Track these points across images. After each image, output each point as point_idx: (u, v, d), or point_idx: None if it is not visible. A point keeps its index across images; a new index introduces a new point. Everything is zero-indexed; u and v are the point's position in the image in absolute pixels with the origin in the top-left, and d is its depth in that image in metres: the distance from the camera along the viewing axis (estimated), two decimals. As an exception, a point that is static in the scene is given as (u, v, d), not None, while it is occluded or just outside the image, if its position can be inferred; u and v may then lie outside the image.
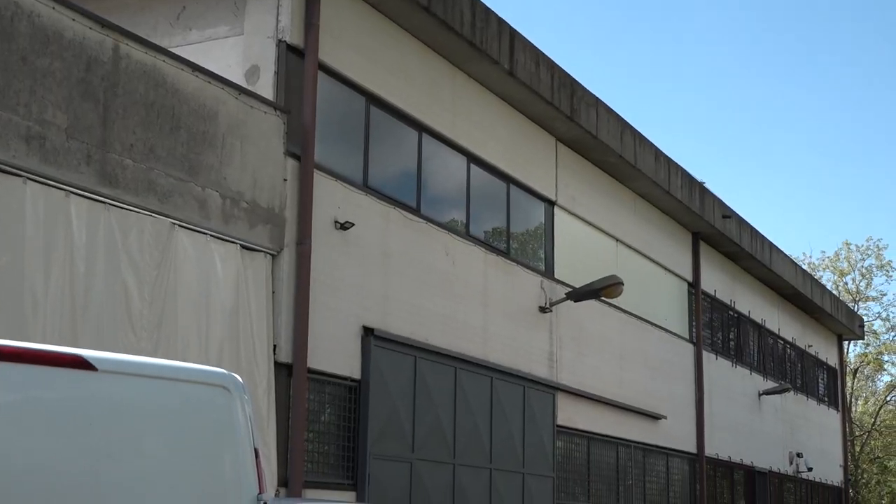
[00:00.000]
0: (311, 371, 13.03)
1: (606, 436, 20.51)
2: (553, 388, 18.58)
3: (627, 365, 21.55)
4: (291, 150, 12.98)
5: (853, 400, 57.96)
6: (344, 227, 13.76)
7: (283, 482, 12.37)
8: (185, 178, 11.46)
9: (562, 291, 18.97)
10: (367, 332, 14.06)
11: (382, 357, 14.30)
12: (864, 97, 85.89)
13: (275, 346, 12.47)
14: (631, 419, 21.41)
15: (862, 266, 56.91)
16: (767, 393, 29.19)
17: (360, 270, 14.12)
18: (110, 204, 10.57)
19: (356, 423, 13.87)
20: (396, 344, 14.61)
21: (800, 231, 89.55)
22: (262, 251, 12.43)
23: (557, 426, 18.71)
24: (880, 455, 58.91)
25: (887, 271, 56.87)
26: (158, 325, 10.89)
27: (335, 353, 13.54)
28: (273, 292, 12.58)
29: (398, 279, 14.87)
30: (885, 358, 57.70)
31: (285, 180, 12.85)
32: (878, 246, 57.05)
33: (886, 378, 60.22)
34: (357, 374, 13.90)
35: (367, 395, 13.93)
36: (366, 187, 14.50)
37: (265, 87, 12.90)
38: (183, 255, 11.30)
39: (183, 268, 11.28)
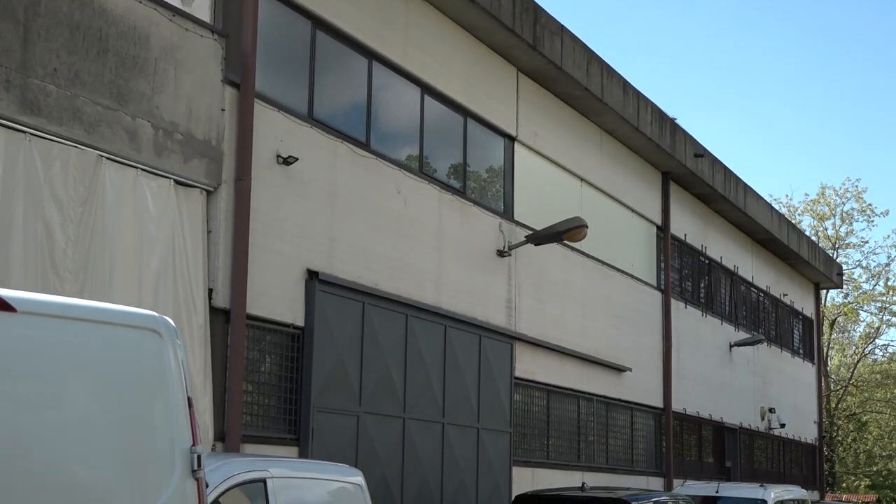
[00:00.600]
0: (250, 317, 13.02)
1: (567, 389, 20.74)
2: (511, 338, 18.72)
3: (591, 314, 21.74)
4: (230, 78, 12.86)
5: (829, 352, 58.88)
6: (287, 162, 13.69)
7: (220, 436, 12.41)
8: (113, 106, 11.32)
9: (521, 234, 19.05)
10: (312, 276, 14.06)
11: (328, 303, 14.31)
12: (845, 32, 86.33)
13: (211, 291, 12.44)
14: (594, 371, 21.65)
15: (842, 210, 57.49)
16: (739, 344, 29.59)
17: (305, 210, 14.08)
18: (31, 134, 10.43)
19: (299, 373, 13.91)
20: (343, 289, 14.62)
21: (777, 172, 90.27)
22: (197, 187, 12.34)
23: (515, 378, 18.88)
24: (857, 411, 59.89)
25: (868, 216, 57.41)
26: (84, 267, 10.81)
27: (276, 299, 13.54)
28: (209, 232, 12.52)
29: (345, 219, 14.85)
30: (865, 308, 58.40)
31: (223, 110, 12.74)
32: (856, 188, 57.63)
33: (862, 329, 61.03)
34: (300, 321, 13.91)
35: (310, 343, 13.96)
36: (311, 119, 14.41)
37: (202, 8, 12.74)
38: (111, 190, 11.20)
39: (111, 204, 11.18)
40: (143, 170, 11.62)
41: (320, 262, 14.25)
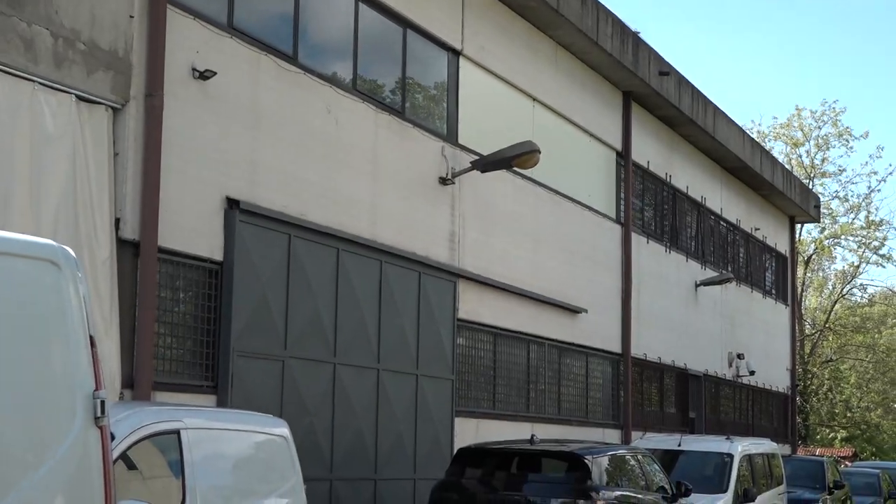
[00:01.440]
0: (162, 251, 12.98)
1: (516, 332, 20.92)
2: (454, 275, 18.81)
3: (543, 249, 21.87)
4: (138, -19, 12.70)
5: (805, 293, 59.68)
6: (204, 76, 13.58)
7: (129, 383, 12.41)
8: (6, 11, 11.14)
9: (467, 160, 19.07)
10: (232, 204, 14.01)
11: (250, 235, 14.29)
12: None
13: (118, 220, 12.37)
14: (545, 313, 21.84)
15: (818, 136, 57.92)
16: (706, 283, 29.94)
17: (224, 130, 13.99)
18: (-90, 41, 10.25)
19: (217, 313, 13.92)
20: (267, 219, 14.60)
21: (750, 95, 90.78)
22: (102, 103, 12.22)
23: (459, 320, 19.00)
24: (833, 358, 60.83)
25: (846, 141, 57.84)
26: (-27, 192, 10.70)
27: (192, 230, 13.49)
28: (116, 154, 12.42)
29: (270, 141, 14.78)
30: (842, 244, 59.00)
31: (132, 17, 12.58)
32: (834, 110, 57.97)
33: (837, 267, 61.68)
34: (219, 256, 13.89)
35: (230, 280, 13.95)
36: (231, 29, 14.27)
37: None
38: (4, 106, 11.06)
39: (4, 122, 11.05)
40: (40, 83, 11.47)
41: (241, 190, 14.19)
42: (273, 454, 10.63)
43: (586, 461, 13.93)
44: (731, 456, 19.15)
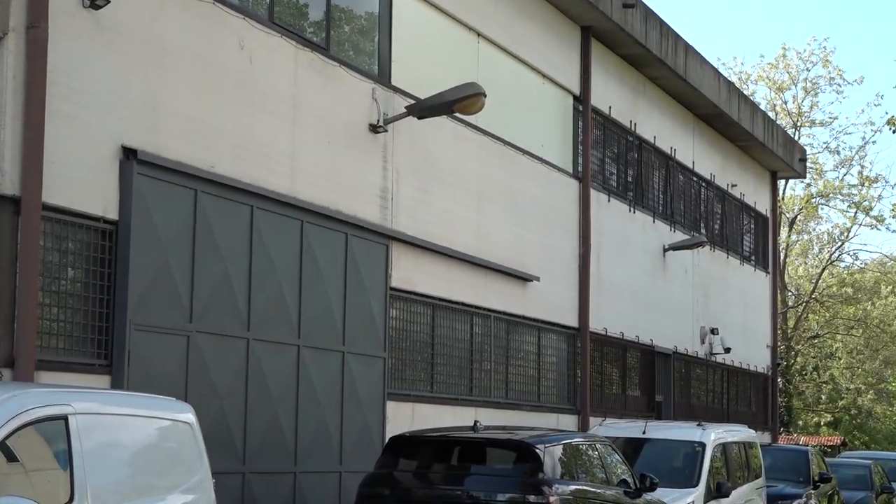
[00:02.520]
0: (47, 208, 12.91)
1: (458, 303, 21.00)
2: (386, 238, 18.85)
3: (489, 208, 21.95)
4: None
5: (788, 259, 60.20)
6: (95, 4, 13.48)
7: (8, 362, 12.35)
8: None
9: (402, 104, 19.08)
10: (128, 154, 13.95)
11: (150, 190, 14.25)
12: None
13: (-5, 173, 12.32)
14: (492, 281, 21.94)
15: (806, 79, 58.29)
16: (676, 248, 30.14)
17: (120, 68, 13.91)
18: None
19: (112, 281, 13.88)
20: (170, 172, 14.56)
21: (728, 32, 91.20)
22: (-25, 37, 12.09)
23: (392, 289, 19.06)
24: (820, 333, 61.35)
25: (837, 85, 58.22)
26: None
27: (82, 184, 13.42)
28: (-8, 96, 12.35)
29: (173, 82, 14.71)
30: (831, 204, 59.41)
31: (9, -65, 12.46)
32: (824, 49, 58.35)
33: (826, 229, 62.12)
34: (113, 214, 13.84)
35: (127, 242, 13.92)
36: (126, -50, 14.17)
37: None
38: None
39: None
40: None
41: (140, 137, 14.14)
42: (177, 444, 10.66)
43: (537, 451, 14.05)
44: (702, 445, 19.37)
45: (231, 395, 15.57)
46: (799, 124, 57.59)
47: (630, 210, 28.35)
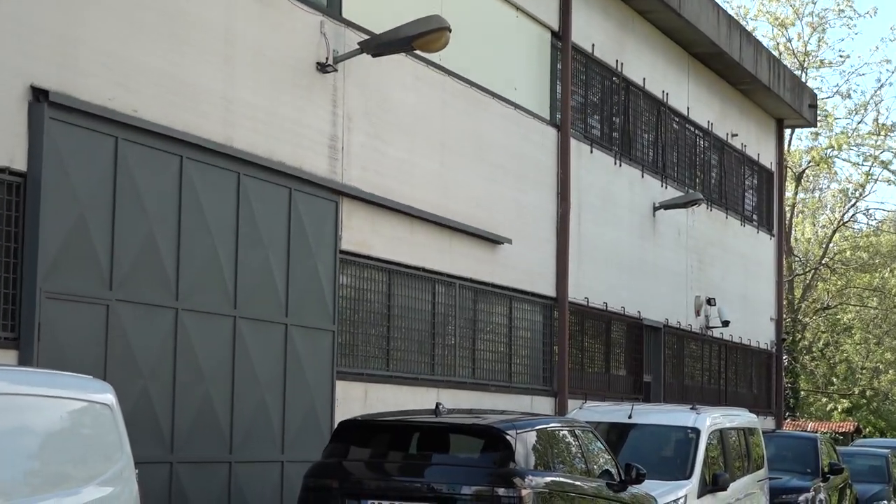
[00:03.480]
0: (-56, 157, 12.86)
1: (418, 268, 21.01)
2: (336, 193, 18.83)
3: (454, 159, 21.94)
4: None
5: (795, 220, 60.36)
6: (-1, -78, 13.39)
7: None
8: None
9: (354, 40, 19.04)
10: (38, 95, 13.88)
11: (63, 137, 14.18)
12: None
13: None
14: (457, 243, 21.95)
15: (812, 13, 58.30)
16: (667, 206, 30.21)
17: (27, -4, 13.85)
18: None
19: (19, 242, 13.82)
20: (86, 116, 14.49)
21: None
22: None
23: (342, 252, 19.05)
24: (831, 304, 61.54)
25: (848, 18, 58.21)
26: None
27: (-16, 130, 13.38)
28: None
29: (90, 12, 14.61)
30: (843, 156, 59.48)
31: None
32: (832, -25, 58.35)
33: (838, 186, 62.18)
34: (21, 164, 13.79)
35: (36, 197, 13.85)
36: None
37: None
38: None
39: None
40: None
41: (51, 76, 14.06)
42: (94, 428, 10.63)
43: (508, 438, 14.07)
44: (696, 431, 19.46)
45: (157, 373, 15.55)
46: (805, 65, 57.55)
47: (615, 163, 28.38)
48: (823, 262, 59.69)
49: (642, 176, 29.68)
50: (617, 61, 28.44)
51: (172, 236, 15.83)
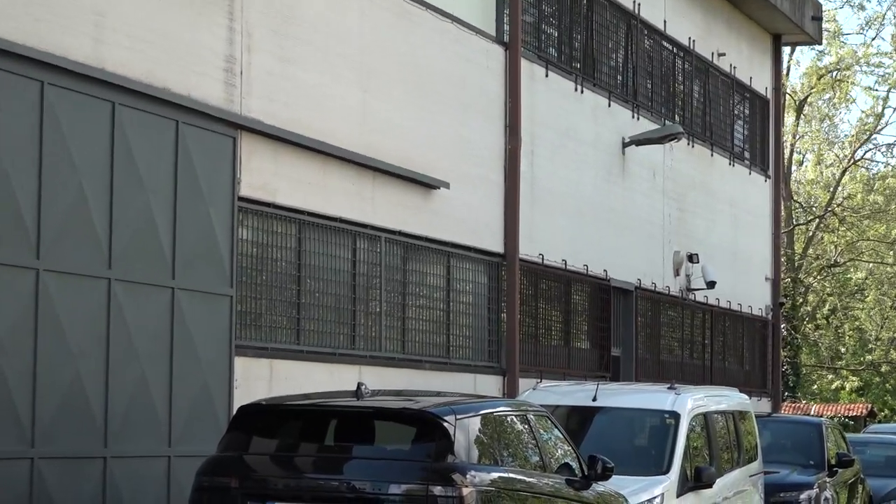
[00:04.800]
0: None
1: (336, 219, 21.03)
2: (234, 127, 18.81)
3: (378, 85, 21.93)
4: None
5: (796, 157, 60.55)
6: None
7: None
8: None
9: (254, -62, 19.04)
10: None
11: None
12: None
13: None
14: (383, 188, 21.95)
15: None
16: (640, 142, 30.25)
17: None
18: None
19: None
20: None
21: None
22: None
23: (241, 199, 19.04)
24: (839, 261, 61.70)
25: None
26: None
27: None
28: None
29: None
30: (854, 80, 59.58)
31: None
32: None
33: (854, 118, 62.46)
34: None
35: None
36: None
37: None
38: None
39: None
40: None
41: None
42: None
43: (445, 425, 14.09)
44: (675, 416, 19.55)
45: (13, 348, 15.53)
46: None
47: (576, 89, 28.43)
48: (830, 209, 59.92)
49: (609, 105, 29.73)
50: (577, -36, 28.53)
51: (31, 178, 15.76)
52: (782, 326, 43.19)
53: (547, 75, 27.18)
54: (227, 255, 18.71)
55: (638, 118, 30.94)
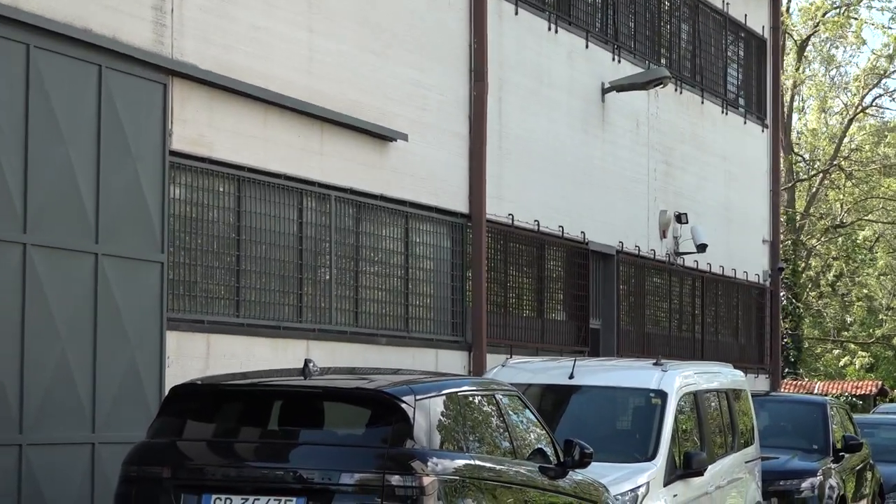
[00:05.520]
0: None
1: (279, 175, 21.04)
2: (164, 72, 18.80)
3: (325, 25, 21.92)
4: None
5: (797, 105, 60.64)
6: None
7: None
8: None
9: None
10: None
11: None
12: None
13: None
14: (332, 140, 21.96)
15: None
16: (622, 88, 30.29)
17: None
18: None
19: None
20: None
21: None
22: None
23: (173, 153, 19.03)
24: (845, 221, 61.78)
25: None
26: None
27: None
28: None
29: None
30: (865, 18, 59.73)
31: None
32: None
33: (864, 61, 62.51)
34: None
35: None
36: None
37: None
38: None
39: None
40: None
41: None
42: None
43: (404, 407, 14.08)
44: (662, 395, 19.58)
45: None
46: None
47: (550, 28, 28.44)
48: (835, 162, 60.03)
49: (587, 46, 29.76)
50: None
51: (-66, 132, 15.78)
52: (782, 294, 43.31)
53: (517, 13, 27.18)
54: (158, 217, 18.68)
55: (619, 61, 30.97)
